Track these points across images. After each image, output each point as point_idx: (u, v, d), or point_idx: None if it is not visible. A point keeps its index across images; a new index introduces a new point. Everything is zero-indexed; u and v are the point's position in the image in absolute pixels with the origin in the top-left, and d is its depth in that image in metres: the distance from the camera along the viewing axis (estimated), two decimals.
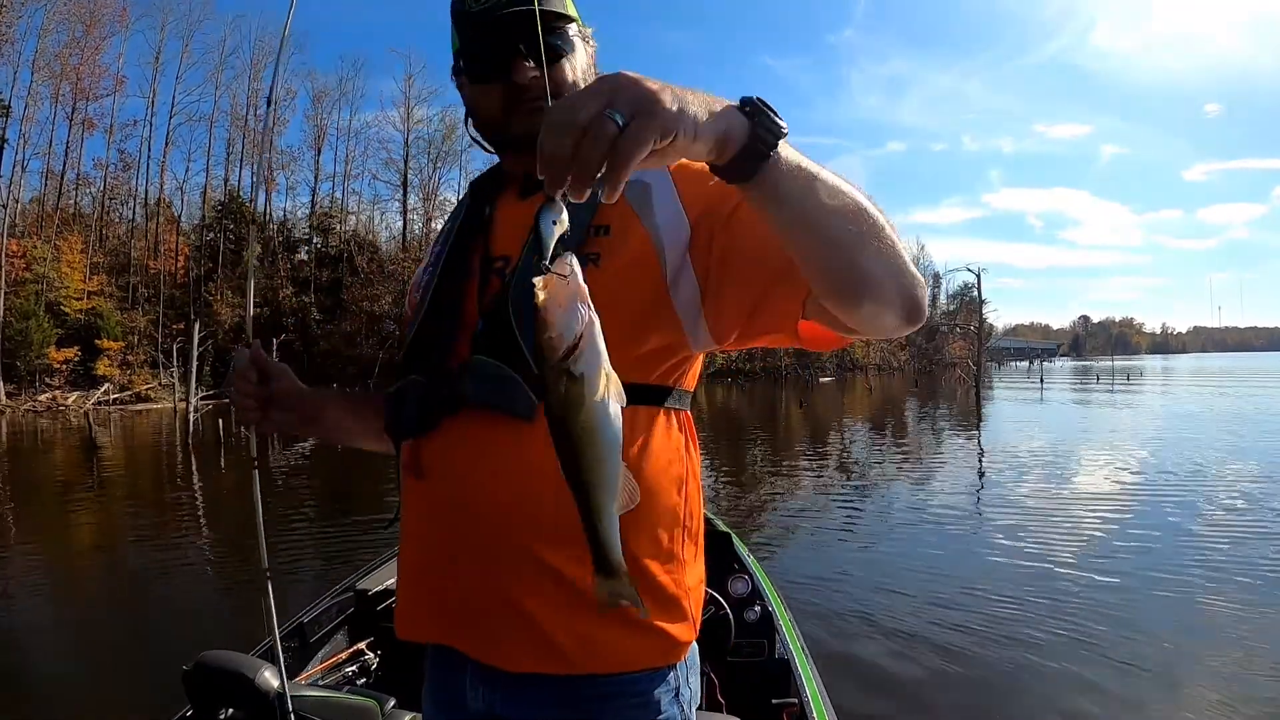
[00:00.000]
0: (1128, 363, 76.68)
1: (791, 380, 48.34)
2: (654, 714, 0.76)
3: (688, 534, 0.80)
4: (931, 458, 11.77)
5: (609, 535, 0.56)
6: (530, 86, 0.80)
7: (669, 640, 0.77)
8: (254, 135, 41.00)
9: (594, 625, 0.73)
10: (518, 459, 0.75)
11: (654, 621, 0.75)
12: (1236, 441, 12.27)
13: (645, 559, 0.75)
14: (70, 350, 30.23)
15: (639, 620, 0.72)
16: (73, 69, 36.41)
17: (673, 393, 0.81)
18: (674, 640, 0.77)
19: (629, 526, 0.63)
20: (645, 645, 0.76)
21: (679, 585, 0.78)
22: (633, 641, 0.75)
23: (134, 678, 3.54)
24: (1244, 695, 3.26)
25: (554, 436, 0.53)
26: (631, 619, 0.71)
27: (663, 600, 0.76)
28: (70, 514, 8.40)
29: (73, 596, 5.39)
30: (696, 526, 0.82)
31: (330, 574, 4.78)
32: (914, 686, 3.45)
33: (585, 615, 0.72)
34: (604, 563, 0.58)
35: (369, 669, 2.22)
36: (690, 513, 0.81)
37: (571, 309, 0.50)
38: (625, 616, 0.69)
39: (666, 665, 0.77)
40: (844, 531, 6.74)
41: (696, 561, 0.83)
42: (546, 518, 0.73)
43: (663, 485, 0.78)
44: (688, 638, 0.79)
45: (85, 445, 14.80)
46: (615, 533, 0.56)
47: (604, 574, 0.58)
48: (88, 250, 34.71)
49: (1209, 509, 7.04)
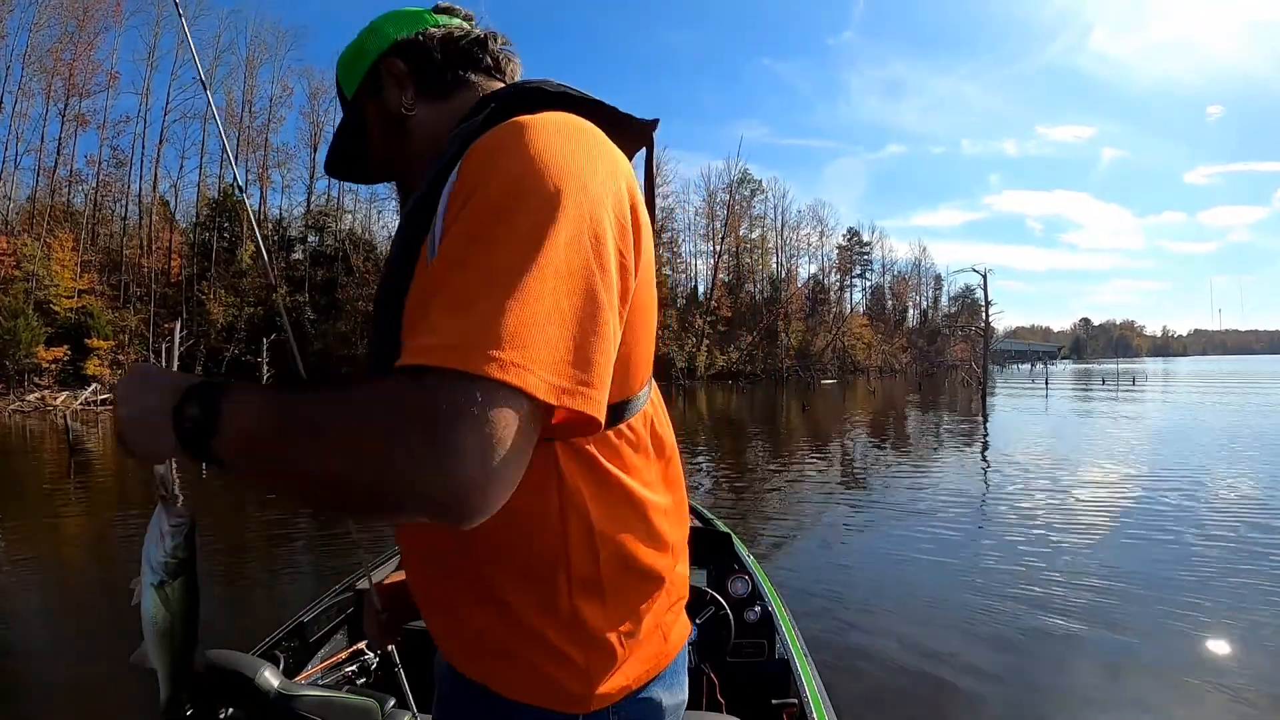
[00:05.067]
0: (1129, 366, 76.51)
1: (793, 382, 48.14)
2: None
3: (576, 582, 0.69)
4: (934, 461, 11.57)
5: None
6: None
7: (544, 682, 0.70)
8: (248, 133, 40.65)
9: (461, 634, 0.75)
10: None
11: (518, 652, 0.70)
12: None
13: (510, 600, 0.70)
14: (59, 349, 29.80)
15: (505, 647, 0.70)
16: (65, 65, 36.07)
17: None
18: (552, 684, 0.70)
19: (486, 564, 0.69)
20: (509, 671, 0.71)
21: (566, 636, 0.70)
22: (497, 666, 0.72)
23: (133, 677, 3.25)
24: (1245, 696, 3.26)
25: None
26: (497, 642, 0.71)
27: (536, 642, 0.70)
28: (55, 515, 8.29)
29: (64, 598, 5.28)
30: (597, 574, 0.70)
31: (330, 574, 4.72)
32: (914, 687, 3.46)
33: (460, 631, 0.74)
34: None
35: (369, 669, 2.20)
36: (590, 558, 0.70)
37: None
38: (489, 639, 0.71)
39: (551, 710, 0.71)
40: (844, 532, 6.73)
41: (628, 614, 0.73)
42: (427, 548, 0.76)
43: (509, 530, 0.67)
44: (579, 690, 0.70)
45: (68, 446, 14.43)
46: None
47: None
48: (79, 248, 34.27)
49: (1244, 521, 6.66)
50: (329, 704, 1.56)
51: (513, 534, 0.68)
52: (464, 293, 0.51)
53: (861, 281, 72.39)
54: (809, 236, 67.02)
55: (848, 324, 65.41)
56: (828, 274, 68.90)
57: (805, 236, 66.68)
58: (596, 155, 0.62)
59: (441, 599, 0.76)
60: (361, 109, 0.85)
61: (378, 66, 0.82)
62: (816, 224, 67.67)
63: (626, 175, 0.67)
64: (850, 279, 71.18)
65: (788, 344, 58.91)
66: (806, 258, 67.50)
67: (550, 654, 0.70)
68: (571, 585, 0.69)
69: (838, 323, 64.82)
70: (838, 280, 69.98)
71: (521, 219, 0.54)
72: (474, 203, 0.56)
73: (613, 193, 0.61)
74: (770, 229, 63.96)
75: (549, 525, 0.68)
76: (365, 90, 0.84)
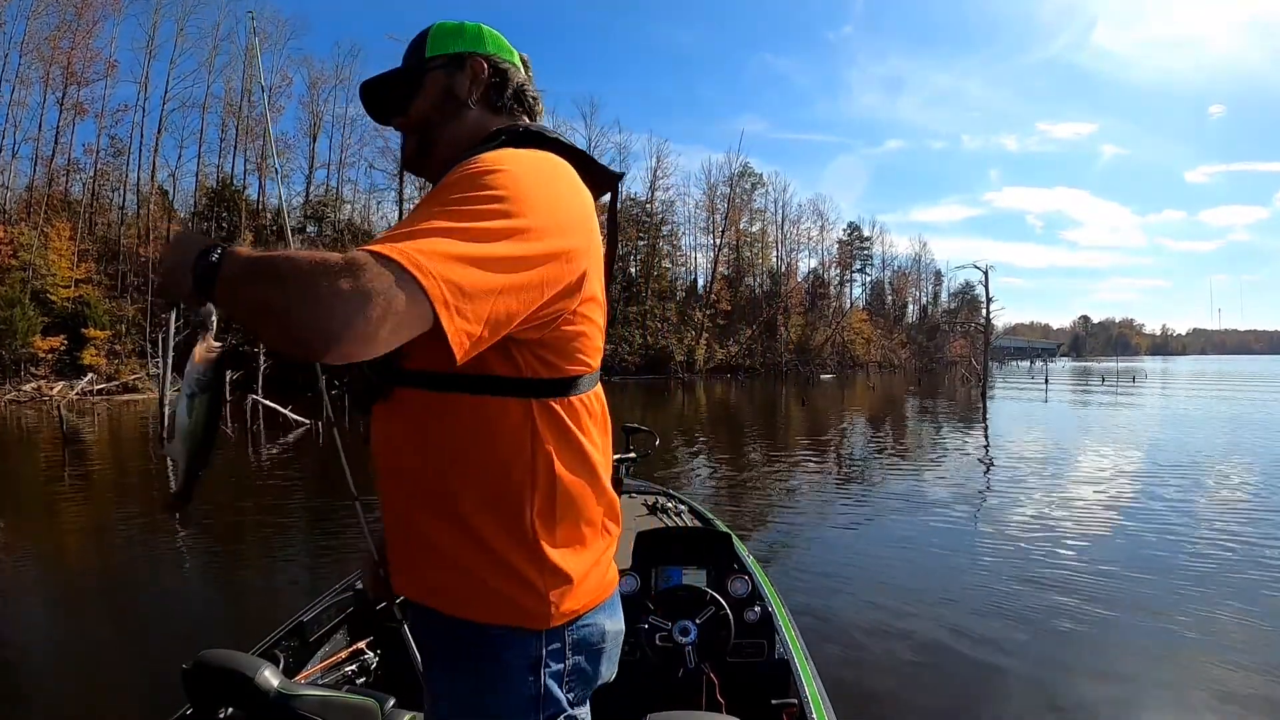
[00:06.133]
0: (1129, 364, 76.43)
1: (792, 377, 48.07)
2: (505, 669, 0.86)
3: (543, 517, 0.86)
4: (935, 459, 11.53)
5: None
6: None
7: (509, 603, 0.85)
8: (247, 123, 40.35)
9: (438, 570, 0.88)
10: (384, 434, 0.93)
11: (486, 579, 0.85)
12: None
13: (478, 526, 0.85)
14: (56, 339, 29.62)
15: (476, 576, 0.85)
16: (63, 53, 35.72)
17: (489, 380, 0.85)
18: (517, 605, 0.85)
19: (463, 490, 0.85)
20: (479, 598, 0.85)
21: (528, 560, 0.85)
22: (468, 593, 0.86)
23: (133, 676, 3.53)
24: (1244, 699, 3.26)
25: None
26: (468, 572, 0.85)
27: (501, 567, 0.85)
28: (49, 506, 8.26)
29: (65, 595, 5.22)
30: (554, 511, 0.87)
31: (330, 573, 4.71)
32: (914, 687, 3.46)
33: (435, 562, 0.88)
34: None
35: (369, 668, 2.22)
36: (550, 496, 0.87)
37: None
38: (463, 569, 0.85)
39: (515, 628, 0.86)
40: (844, 531, 6.74)
41: (575, 548, 0.90)
42: (413, 483, 0.90)
43: (490, 466, 0.85)
44: (539, 609, 0.86)
45: (62, 438, 14.36)
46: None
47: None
48: (76, 237, 34.06)
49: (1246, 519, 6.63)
50: (329, 704, 1.55)
51: (491, 468, 0.85)
52: (411, 222, 0.72)
53: (861, 276, 72.30)
54: (809, 231, 66.80)
55: (847, 319, 65.30)
56: (828, 268, 68.76)
57: (805, 231, 66.47)
58: (550, 180, 0.84)
59: (419, 526, 0.88)
60: (429, 71, 1.02)
61: (468, 56, 1.02)
62: (817, 218, 67.42)
63: (577, 200, 0.87)
64: (850, 274, 71.04)
65: (787, 338, 58.82)
66: (806, 252, 67.34)
67: (514, 578, 0.85)
68: (534, 516, 0.85)
69: (837, 317, 64.70)
70: (837, 275, 69.83)
71: (471, 195, 0.75)
72: (442, 182, 0.80)
73: (554, 207, 0.81)
74: (770, 223, 63.80)
75: (522, 464, 0.85)
76: (444, 63, 1.02)
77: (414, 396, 0.87)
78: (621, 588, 2.35)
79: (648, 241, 53.53)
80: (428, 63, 1.02)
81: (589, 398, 0.93)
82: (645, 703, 1.79)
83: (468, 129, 1.00)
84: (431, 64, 1.02)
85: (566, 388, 0.89)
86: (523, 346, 0.84)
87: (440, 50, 1.02)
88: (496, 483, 0.85)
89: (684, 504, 3.55)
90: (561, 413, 0.88)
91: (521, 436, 0.85)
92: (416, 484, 0.89)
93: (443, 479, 0.86)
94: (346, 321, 0.62)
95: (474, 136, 0.98)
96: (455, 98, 1.01)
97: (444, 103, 1.01)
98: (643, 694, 2.00)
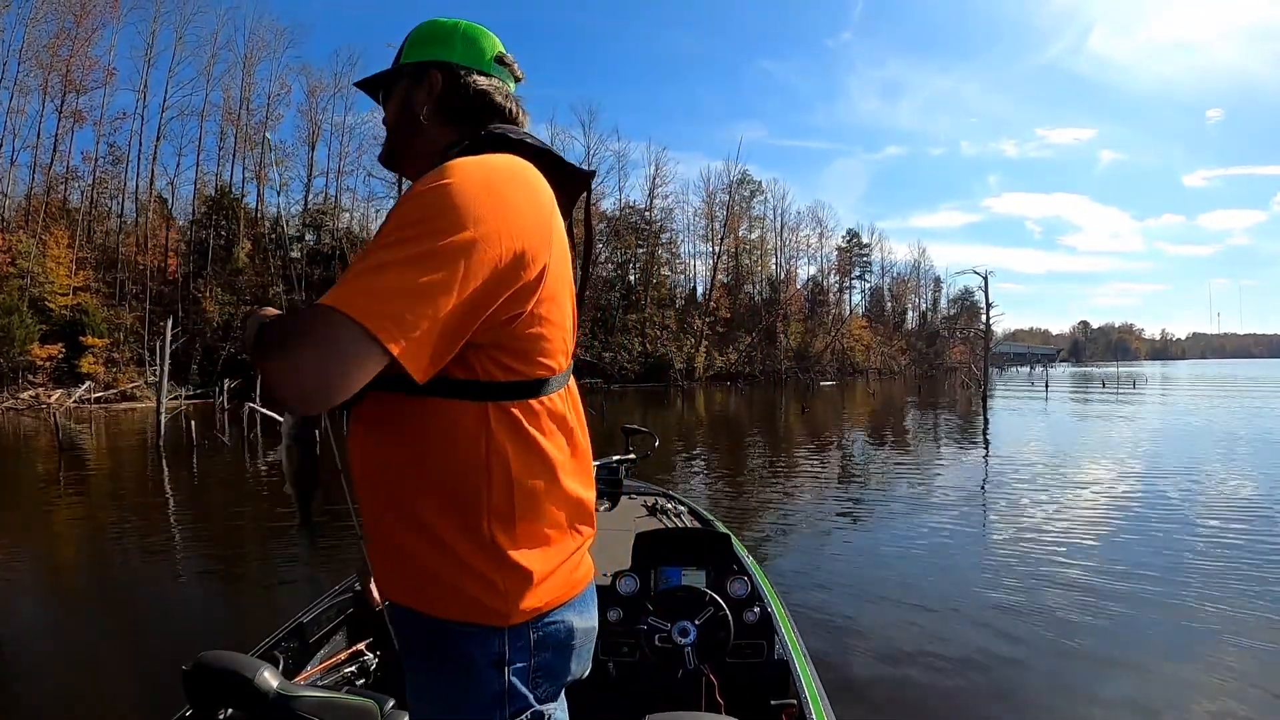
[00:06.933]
0: (1129, 369, 76.53)
1: (792, 383, 48.06)
2: (470, 665, 0.88)
3: (501, 518, 0.88)
4: (935, 464, 11.53)
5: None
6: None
7: (472, 602, 0.87)
8: (245, 130, 40.43)
9: (406, 570, 0.91)
10: (355, 441, 0.96)
11: (449, 579, 0.87)
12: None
13: (438, 527, 0.88)
14: (54, 347, 29.61)
15: (439, 576, 0.87)
16: (62, 60, 35.81)
17: (444, 384, 0.86)
18: (479, 603, 0.87)
19: (420, 495, 0.88)
20: (443, 596, 0.88)
21: (487, 560, 0.87)
22: (433, 592, 0.88)
23: (133, 677, 3.56)
24: (1243, 700, 3.26)
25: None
26: (432, 572, 0.88)
27: (462, 566, 0.87)
28: (48, 515, 8.26)
29: (65, 599, 5.26)
30: (512, 511, 0.89)
31: (329, 574, 4.73)
32: (913, 688, 3.46)
33: (402, 562, 0.91)
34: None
35: (368, 669, 2.22)
36: (507, 498, 0.88)
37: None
38: (426, 569, 0.88)
39: (478, 625, 0.88)
40: (844, 533, 6.75)
41: (538, 548, 0.91)
42: (378, 487, 0.93)
43: (447, 468, 0.87)
44: (500, 607, 0.88)
45: (58, 446, 14.30)
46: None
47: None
48: (74, 245, 34.07)
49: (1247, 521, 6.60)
50: (328, 705, 1.56)
51: (448, 471, 0.87)
52: (356, 261, 0.76)
53: (860, 283, 72.37)
54: (808, 238, 66.85)
55: (847, 326, 65.30)
56: (827, 275, 68.81)
57: (804, 238, 66.51)
58: (502, 184, 0.84)
59: (385, 529, 0.92)
60: (399, 80, 1.04)
61: (430, 67, 1.01)
62: (816, 225, 67.51)
63: (533, 202, 0.87)
64: (849, 280, 71.11)
65: (786, 345, 58.81)
66: (806, 259, 67.38)
67: (472, 576, 0.87)
68: (490, 517, 0.87)
69: (837, 324, 64.70)
70: (837, 282, 69.90)
71: (411, 221, 0.78)
72: (389, 215, 0.81)
73: (503, 213, 0.81)
74: (769, 230, 63.83)
75: (477, 467, 0.87)
76: (410, 71, 1.03)
77: (374, 404, 0.90)
78: (621, 588, 2.35)
79: (647, 249, 53.58)
80: (401, 69, 1.04)
81: (553, 399, 0.93)
82: (645, 703, 1.79)
83: (428, 142, 1.02)
84: (402, 71, 1.04)
85: (526, 391, 0.90)
86: (479, 351, 0.86)
87: (411, 58, 1.04)
88: (454, 485, 0.87)
89: (684, 505, 3.56)
90: (519, 415, 0.89)
91: (476, 439, 0.87)
92: (381, 488, 0.92)
93: (402, 482, 0.89)
94: (317, 387, 0.71)
95: (434, 149, 0.99)
96: (410, 112, 1.02)
97: (401, 116, 1.04)
98: (642, 694, 2.01)
